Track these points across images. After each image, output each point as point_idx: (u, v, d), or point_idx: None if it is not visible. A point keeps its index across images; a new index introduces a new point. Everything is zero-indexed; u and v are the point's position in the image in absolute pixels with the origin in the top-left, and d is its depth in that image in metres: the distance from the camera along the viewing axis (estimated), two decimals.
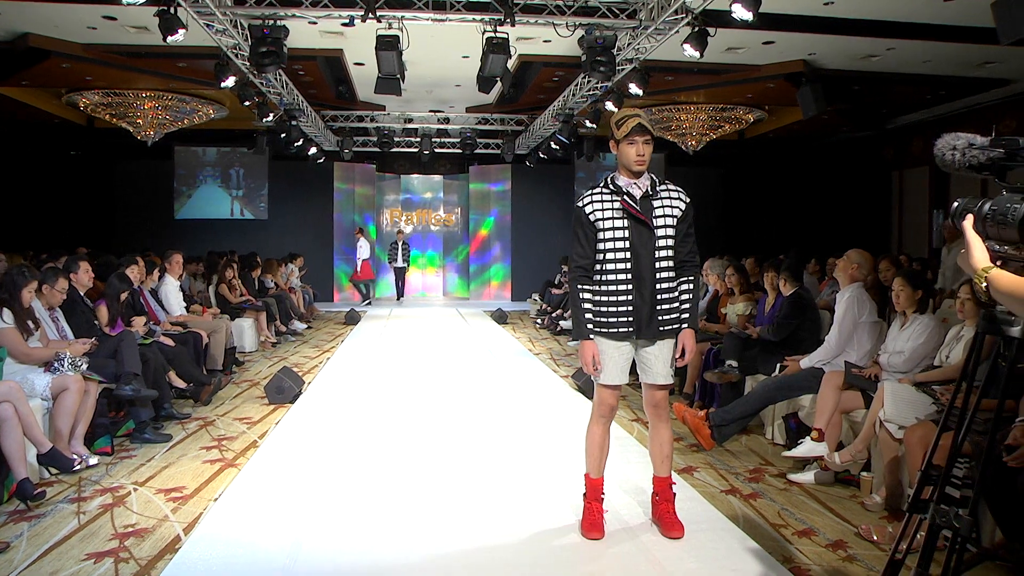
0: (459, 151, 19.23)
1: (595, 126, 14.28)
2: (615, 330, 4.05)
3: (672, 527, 4.15)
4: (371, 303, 19.17)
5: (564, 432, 6.50)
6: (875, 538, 4.12)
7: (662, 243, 4.05)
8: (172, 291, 8.85)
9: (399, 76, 9.82)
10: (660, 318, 4.04)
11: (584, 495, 4.30)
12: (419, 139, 18.47)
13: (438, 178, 22.20)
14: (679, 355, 4.10)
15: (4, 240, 13.28)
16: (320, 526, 4.30)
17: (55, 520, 4.37)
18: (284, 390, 7.61)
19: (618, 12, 9.22)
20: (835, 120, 16.31)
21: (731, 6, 7.70)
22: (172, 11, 8.05)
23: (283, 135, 14.86)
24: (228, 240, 17.61)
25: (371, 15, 8.48)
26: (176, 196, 19.68)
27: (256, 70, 9.64)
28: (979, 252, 2.10)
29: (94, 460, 5.39)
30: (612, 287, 4.05)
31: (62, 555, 3.89)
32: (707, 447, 5.75)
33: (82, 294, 6.62)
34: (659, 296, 4.03)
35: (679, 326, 4.09)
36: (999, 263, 2.13)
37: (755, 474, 5.37)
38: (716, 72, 12.44)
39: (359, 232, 19.60)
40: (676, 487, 4.33)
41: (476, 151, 18.88)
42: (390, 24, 9.03)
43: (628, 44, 9.70)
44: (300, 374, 8.43)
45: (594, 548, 4.04)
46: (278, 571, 3.76)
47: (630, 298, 4.03)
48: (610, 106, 12.38)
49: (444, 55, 11.82)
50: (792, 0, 9.26)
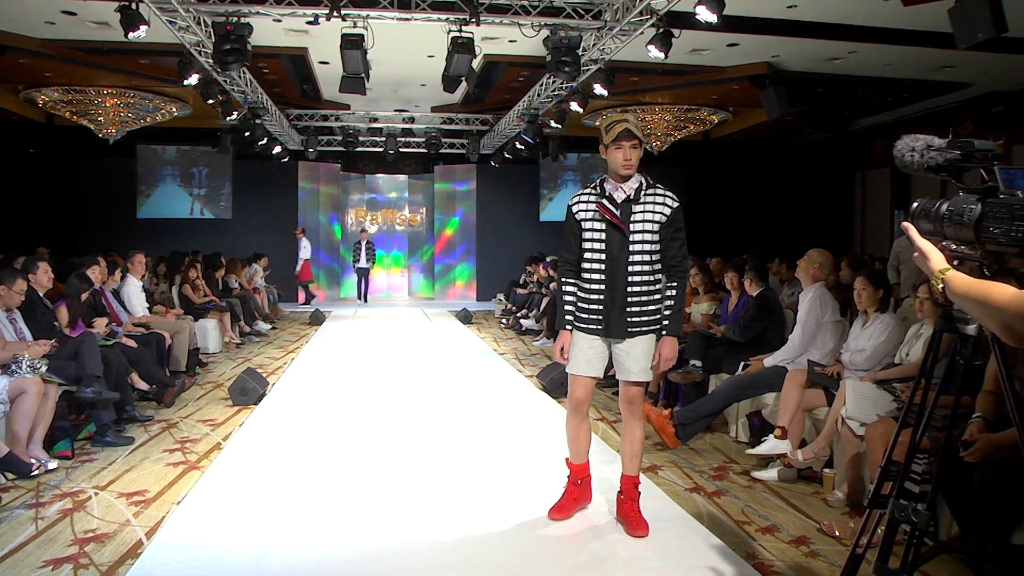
0: (424, 151, 19.17)
1: (560, 126, 14.31)
2: (585, 325, 4.24)
3: (637, 526, 4.20)
4: (311, 303, 18.98)
5: (528, 431, 6.52)
6: (837, 533, 4.17)
7: (636, 248, 4.14)
8: (134, 291, 8.73)
9: (364, 75, 9.78)
10: (629, 319, 4.15)
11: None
12: (384, 139, 18.40)
13: (403, 178, 22.12)
14: (655, 361, 4.20)
15: None
16: (285, 528, 4.28)
17: (11, 527, 4.28)
18: (248, 391, 7.55)
19: (583, 13, 9.25)
20: (799, 122, 16.48)
21: (695, 8, 7.76)
22: (134, 7, 7.93)
23: (247, 134, 14.71)
24: (192, 240, 17.37)
25: (336, 14, 8.43)
26: (138, 195, 19.43)
27: (220, 68, 9.54)
28: (934, 255, 2.14)
29: (53, 464, 5.30)
30: (588, 285, 4.22)
31: (18, 563, 3.81)
32: (672, 445, 5.80)
33: (41, 295, 6.52)
34: (629, 299, 4.14)
35: (656, 327, 4.20)
36: (956, 263, 2.17)
37: (719, 472, 5.41)
38: (681, 73, 12.51)
39: (300, 232, 19.11)
40: (641, 486, 4.37)
41: (441, 151, 18.85)
42: (355, 23, 8.98)
43: (593, 45, 9.73)
44: (264, 375, 8.38)
45: (559, 547, 4.06)
46: (243, 574, 3.73)
47: (601, 298, 4.18)
48: (575, 106, 12.42)
49: (409, 54, 11.78)
50: (756, 3, 9.35)
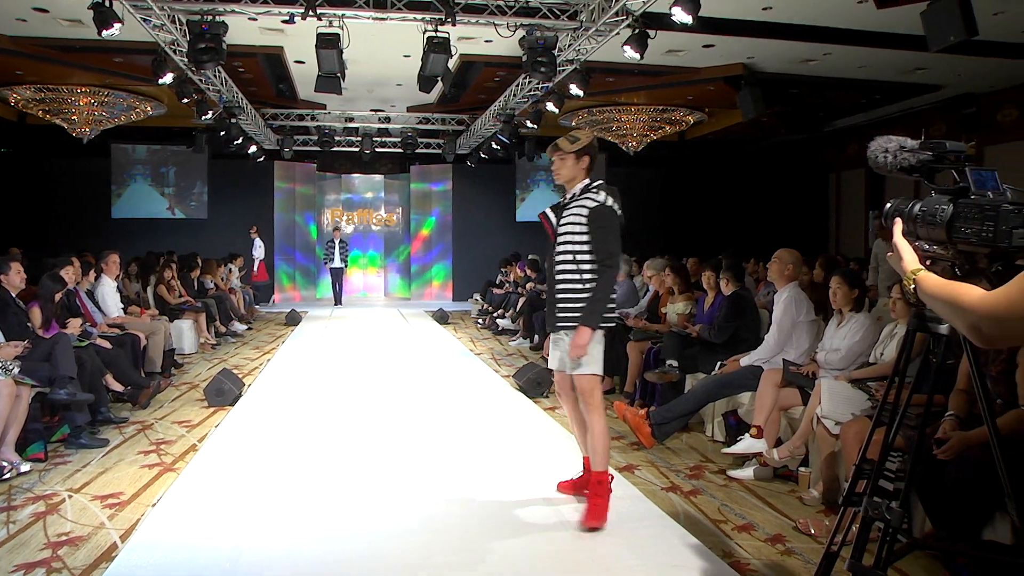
0: (400, 151, 19.11)
1: (536, 127, 14.32)
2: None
3: (589, 518, 4.29)
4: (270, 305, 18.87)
5: (505, 431, 6.53)
6: (812, 531, 4.21)
7: (560, 248, 4.43)
8: (109, 292, 8.66)
9: (340, 75, 9.74)
10: (557, 314, 4.43)
11: None
12: (360, 138, 18.33)
13: (379, 178, 22.06)
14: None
15: None
16: (261, 530, 4.26)
17: None
18: (224, 392, 7.51)
19: (559, 13, 9.27)
20: (774, 123, 16.61)
21: (671, 9, 7.80)
22: (107, 4, 7.87)
23: (223, 133, 14.63)
24: (167, 240, 17.22)
25: (311, 13, 8.39)
26: (113, 195, 19.22)
27: (195, 67, 9.48)
28: (908, 255, 2.16)
29: (26, 467, 5.24)
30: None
31: None
32: (648, 445, 5.81)
33: (14, 296, 6.44)
34: (556, 296, 4.43)
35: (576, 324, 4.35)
36: (928, 263, 2.19)
37: (695, 471, 5.43)
38: (656, 74, 12.56)
39: (254, 231, 18.61)
40: (617, 484, 4.38)
41: (417, 151, 18.78)
42: (331, 22, 8.95)
43: (569, 45, 9.76)
44: (240, 376, 8.33)
45: (535, 545, 4.06)
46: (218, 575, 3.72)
47: (548, 297, 4.59)
48: (551, 107, 12.44)
49: (385, 54, 11.75)
50: (731, 4, 9.41)
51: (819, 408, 4.74)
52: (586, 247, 4.35)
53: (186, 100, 11.86)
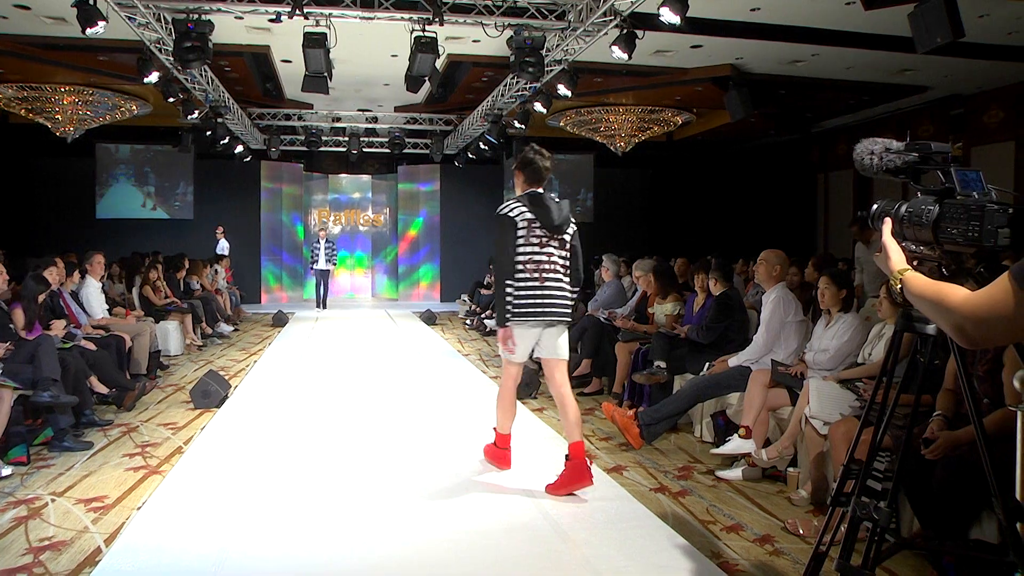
0: (388, 151, 19.09)
1: (524, 127, 14.34)
2: None
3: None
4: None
5: (491, 435, 6.49)
6: (801, 532, 4.22)
7: None
8: (93, 293, 8.61)
9: (327, 74, 9.73)
10: None
11: None
12: (347, 138, 18.31)
13: (366, 178, 22.04)
14: None
15: None
16: (247, 533, 4.23)
17: None
18: (210, 394, 7.47)
19: (547, 13, 9.28)
20: (762, 123, 16.68)
21: (659, 9, 7.82)
22: (91, 2, 7.83)
23: (209, 133, 14.57)
24: (153, 240, 17.18)
25: (298, 12, 8.38)
26: (97, 195, 19.13)
27: (180, 66, 9.44)
28: (896, 255, 2.17)
29: (8, 471, 5.20)
30: None
31: None
32: (636, 446, 5.84)
33: None
34: None
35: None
36: (915, 263, 2.20)
37: (684, 472, 5.43)
38: (645, 74, 12.60)
39: (220, 231, 18.19)
40: (606, 486, 4.39)
41: (405, 151, 18.78)
42: (317, 21, 8.94)
43: (557, 45, 9.77)
44: (227, 378, 8.28)
45: (523, 547, 4.06)
46: None
47: None
48: (539, 107, 12.44)
49: (372, 53, 11.73)
50: (719, 5, 9.44)
51: (807, 408, 4.75)
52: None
53: (172, 99, 11.81)
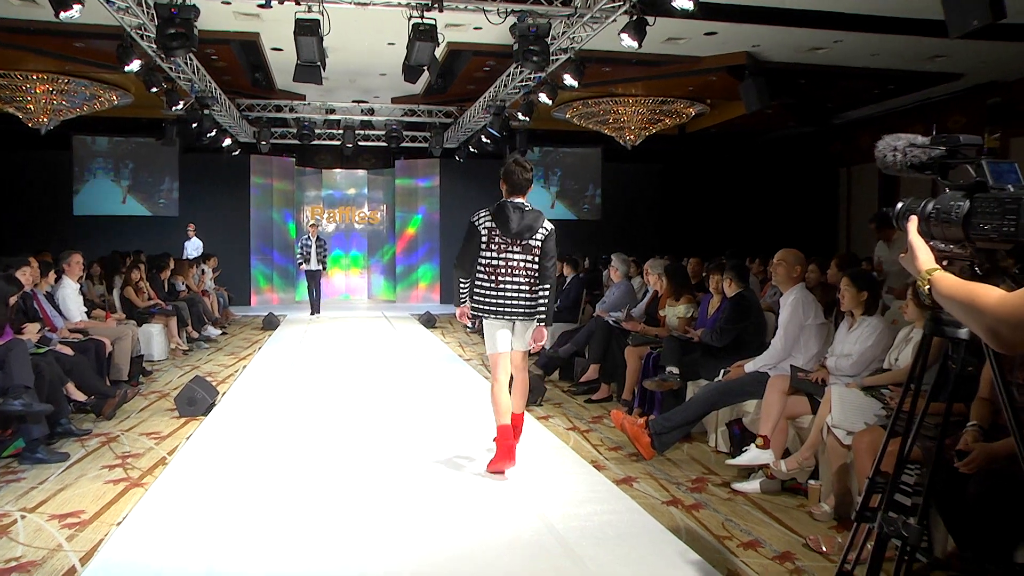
0: (384, 144, 19.07)
1: (528, 119, 14.31)
2: None
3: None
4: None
5: (493, 444, 6.46)
6: (824, 549, 4.18)
7: None
8: (71, 295, 8.58)
9: (320, 63, 9.69)
10: None
11: None
12: (342, 131, 18.28)
13: (362, 173, 22.04)
14: None
15: None
16: (235, 550, 4.20)
17: None
18: (196, 402, 7.45)
19: None
20: (780, 115, 16.62)
21: None
22: None
23: (194, 125, 14.56)
24: (134, 239, 17.14)
25: None
26: (75, 189, 19.13)
27: (164, 54, 9.43)
28: (923, 254, 2.14)
29: None
30: None
31: None
32: (647, 456, 5.82)
33: None
34: None
35: None
36: (945, 263, 2.17)
37: (698, 484, 5.41)
38: (655, 64, 12.56)
39: (192, 229, 17.80)
40: (615, 498, 4.35)
41: (402, 144, 18.76)
42: (310, 7, 8.90)
43: (563, 33, 9.73)
44: (214, 384, 8.25)
45: (526, 563, 4.03)
46: None
47: None
48: (543, 98, 12.41)
49: (368, 42, 11.71)
50: None
51: (829, 417, 4.72)
52: None
53: (155, 89, 11.77)
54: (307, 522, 4.61)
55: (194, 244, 17.50)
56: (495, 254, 5.69)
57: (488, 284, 5.68)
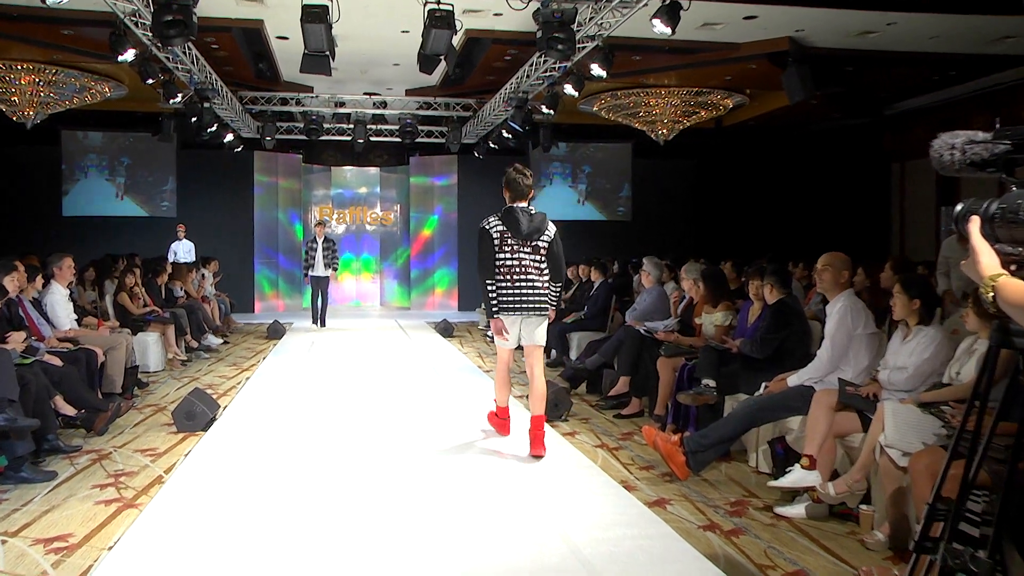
0: (398, 140, 19.14)
1: (552, 112, 14.29)
2: None
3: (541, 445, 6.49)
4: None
5: (517, 461, 6.46)
6: None
7: None
8: (60, 301, 8.59)
9: (329, 53, 9.71)
10: None
11: None
12: (352, 126, 18.34)
13: (374, 171, 22.09)
14: None
15: None
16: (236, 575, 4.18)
17: None
18: (195, 416, 7.46)
19: None
20: (826, 106, 16.53)
21: None
22: None
23: (193, 119, 14.63)
24: (129, 241, 17.27)
25: None
26: (64, 188, 19.25)
27: (160, 42, 9.45)
28: (987, 258, 2.09)
29: None
30: None
31: None
32: (682, 476, 5.77)
33: None
34: None
35: None
36: (1013, 267, 2.11)
37: (737, 507, 5.36)
38: (690, 51, 12.53)
39: (182, 230, 17.54)
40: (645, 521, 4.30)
41: (417, 140, 18.80)
42: None
43: (590, 19, 9.71)
44: (214, 397, 8.26)
45: None
46: None
47: None
48: (569, 89, 12.38)
49: (380, 29, 11.74)
50: None
51: (882, 436, 4.66)
52: None
53: (150, 81, 11.83)
54: (315, 547, 4.59)
55: (184, 247, 17.30)
56: (509, 255, 6.59)
57: (505, 283, 6.59)
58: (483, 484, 5.84)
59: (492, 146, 18.28)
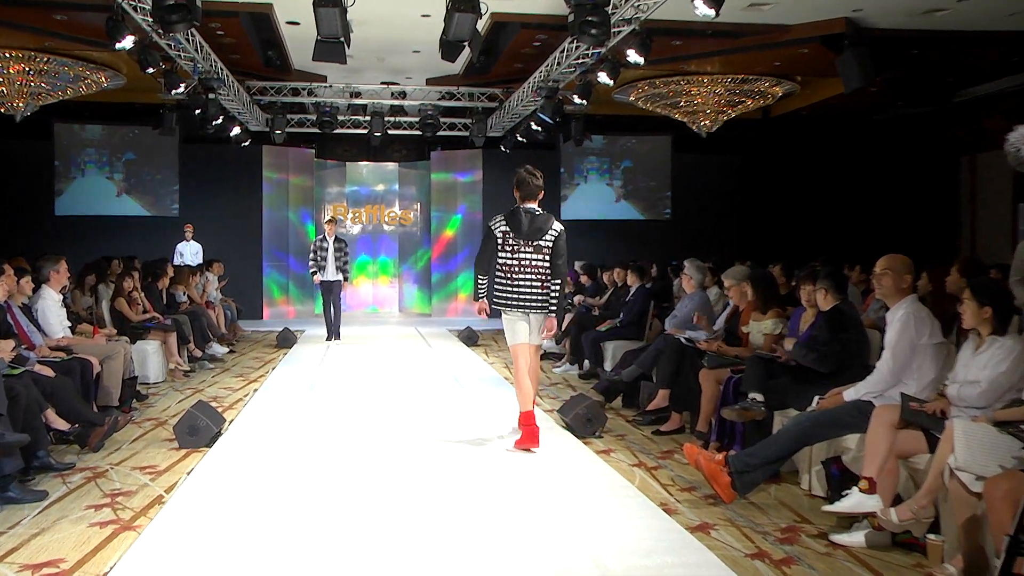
0: (418, 133, 19.17)
1: (585, 103, 14.25)
2: None
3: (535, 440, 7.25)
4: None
5: (546, 480, 6.44)
6: None
7: None
8: (52, 307, 8.63)
9: (343, 39, 9.73)
10: None
11: None
12: (368, 118, 18.41)
13: (392, 166, 22.18)
14: None
15: None
16: None
17: None
18: (199, 431, 7.47)
19: None
20: (887, 93, 16.41)
21: None
22: None
23: (197, 111, 14.70)
24: (127, 242, 17.38)
25: None
26: (57, 186, 19.42)
27: (161, 28, 9.50)
28: None
29: None
30: None
31: None
32: (727, 499, 5.72)
33: None
34: None
35: None
36: None
37: (788, 534, 5.30)
38: (735, 35, 12.49)
39: (190, 231, 17.63)
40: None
41: (439, 133, 18.78)
42: None
43: (626, 1, 9.66)
44: (220, 410, 8.29)
45: None
46: None
47: None
48: (603, 78, 12.33)
49: (399, 13, 11.77)
50: None
51: (952, 457, 4.56)
52: None
53: (151, 70, 11.85)
54: (326, 572, 4.57)
55: (192, 248, 17.50)
56: (510, 255, 7.41)
57: (505, 281, 7.44)
58: (511, 506, 5.82)
59: (520, 139, 18.32)
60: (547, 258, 7.40)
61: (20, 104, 14.30)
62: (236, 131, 17.66)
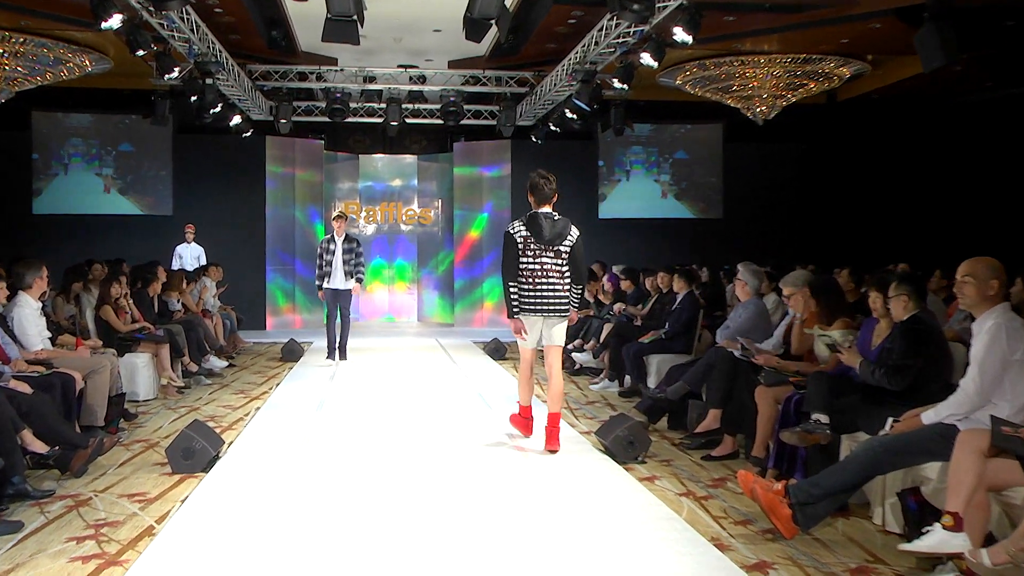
0: (439, 122, 19.28)
1: (626, 87, 14.26)
2: None
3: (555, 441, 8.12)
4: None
5: (583, 512, 6.42)
6: None
7: None
8: (29, 316, 8.66)
9: (356, 17, 9.75)
10: None
11: None
12: (384, 105, 18.48)
13: (410, 159, 22.28)
14: None
15: None
16: None
17: None
18: (194, 454, 7.49)
19: None
20: (973, 72, 16.32)
21: None
22: None
23: (193, 99, 14.80)
24: (114, 244, 17.50)
25: None
26: (36, 183, 19.52)
27: (153, 6, 9.55)
28: None
29: None
30: None
31: None
32: (787, 534, 5.65)
33: None
34: None
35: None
36: None
37: (859, 575, 5.25)
38: (796, 9, 12.46)
39: (191, 231, 17.76)
40: None
41: (462, 122, 18.90)
42: None
43: None
44: (218, 431, 8.33)
45: None
46: None
47: None
48: (647, 59, 12.29)
49: None
50: None
51: None
52: None
53: (141, 53, 11.95)
54: None
55: (193, 251, 17.60)
56: (532, 259, 8.14)
57: (528, 286, 8.14)
58: (546, 541, 5.79)
59: (553, 129, 18.36)
60: (565, 263, 8.20)
61: None
62: (236, 120, 17.80)
